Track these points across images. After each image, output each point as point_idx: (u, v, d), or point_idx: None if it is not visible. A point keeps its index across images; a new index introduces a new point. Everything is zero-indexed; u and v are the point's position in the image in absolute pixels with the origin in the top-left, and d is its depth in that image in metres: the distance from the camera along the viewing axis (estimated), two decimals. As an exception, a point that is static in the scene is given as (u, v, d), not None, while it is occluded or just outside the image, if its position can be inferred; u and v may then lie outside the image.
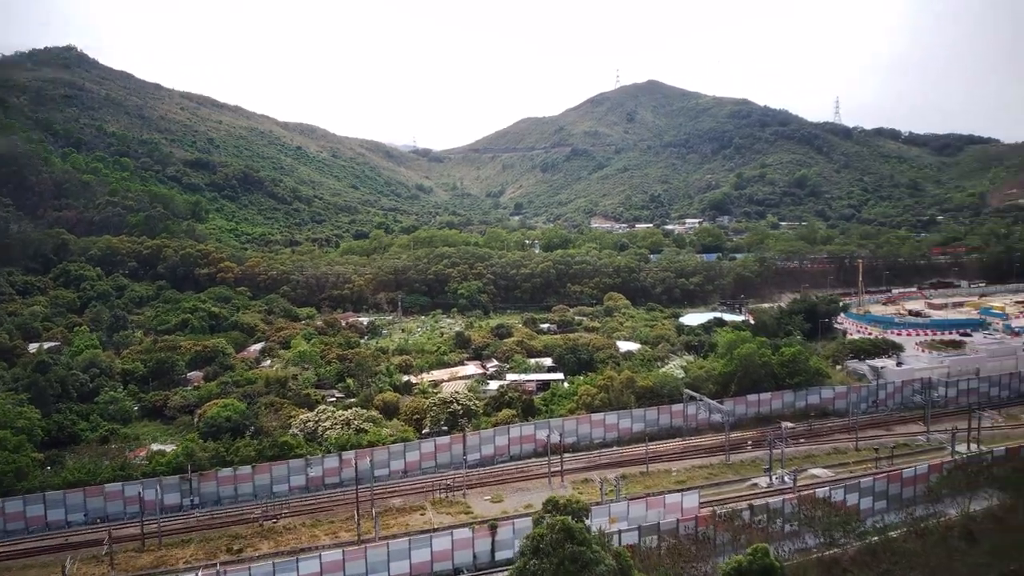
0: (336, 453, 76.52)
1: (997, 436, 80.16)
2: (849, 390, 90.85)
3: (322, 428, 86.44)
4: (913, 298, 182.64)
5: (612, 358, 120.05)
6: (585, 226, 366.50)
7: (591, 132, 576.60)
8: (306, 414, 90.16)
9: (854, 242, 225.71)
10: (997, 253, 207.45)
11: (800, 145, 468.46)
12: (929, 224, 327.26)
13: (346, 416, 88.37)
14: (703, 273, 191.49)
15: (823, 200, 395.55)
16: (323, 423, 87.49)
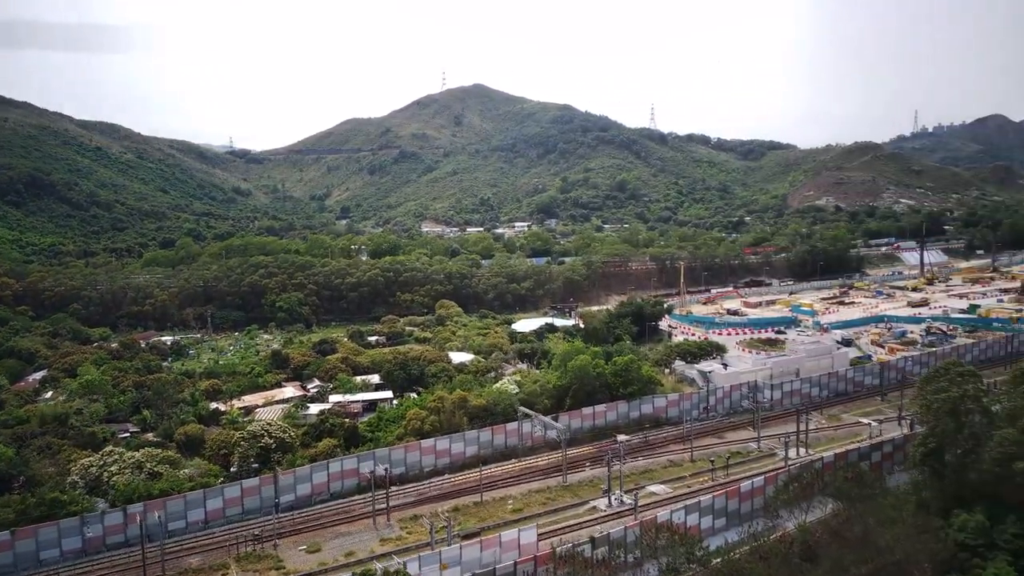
0: (120, 507, 64.98)
1: (823, 439, 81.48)
2: (681, 398, 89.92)
3: (108, 474, 73.95)
4: (730, 297, 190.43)
5: (444, 371, 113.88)
6: (416, 230, 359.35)
7: (419, 134, 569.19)
8: (89, 457, 77.02)
9: (674, 244, 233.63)
10: (802, 252, 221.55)
11: (620, 150, 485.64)
12: (739, 225, 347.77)
13: (137, 458, 76.26)
14: (534, 278, 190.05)
15: (643, 203, 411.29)
16: (109, 467, 74.95)
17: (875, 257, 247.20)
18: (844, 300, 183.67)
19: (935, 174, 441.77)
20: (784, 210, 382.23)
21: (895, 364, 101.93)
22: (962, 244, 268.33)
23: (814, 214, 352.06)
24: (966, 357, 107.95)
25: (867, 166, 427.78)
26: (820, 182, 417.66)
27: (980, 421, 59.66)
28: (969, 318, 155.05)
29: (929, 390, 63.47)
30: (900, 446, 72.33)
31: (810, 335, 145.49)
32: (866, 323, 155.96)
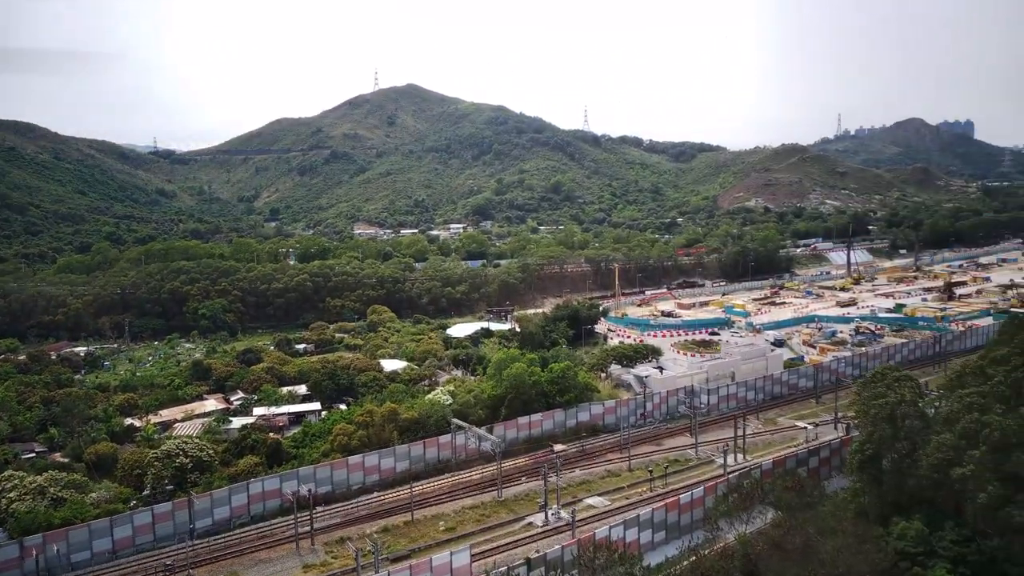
0: (17, 540, 59.50)
1: (760, 444, 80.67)
2: (618, 404, 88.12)
3: (6, 501, 68.07)
4: (664, 299, 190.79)
5: (376, 381, 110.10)
6: (348, 232, 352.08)
7: (351, 135, 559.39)
8: (-14, 484, 70.81)
9: (608, 246, 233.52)
10: (733, 253, 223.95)
11: (554, 152, 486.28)
12: (671, 226, 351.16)
13: (39, 482, 70.41)
14: (469, 281, 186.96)
15: (577, 204, 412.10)
16: (8, 494, 69.02)
17: (803, 257, 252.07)
18: (775, 300, 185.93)
19: (858, 175, 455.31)
20: (715, 211, 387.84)
21: (828, 366, 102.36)
22: (886, 244, 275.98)
23: (744, 215, 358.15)
24: (896, 357, 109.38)
25: (794, 168, 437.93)
26: (749, 183, 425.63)
27: (917, 426, 59.20)
28: (896, 317, 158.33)
29: (866, 395, 62.85)
30: (837, 450, 71.82)
31: (744, 336, 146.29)
32: (797, 323, 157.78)
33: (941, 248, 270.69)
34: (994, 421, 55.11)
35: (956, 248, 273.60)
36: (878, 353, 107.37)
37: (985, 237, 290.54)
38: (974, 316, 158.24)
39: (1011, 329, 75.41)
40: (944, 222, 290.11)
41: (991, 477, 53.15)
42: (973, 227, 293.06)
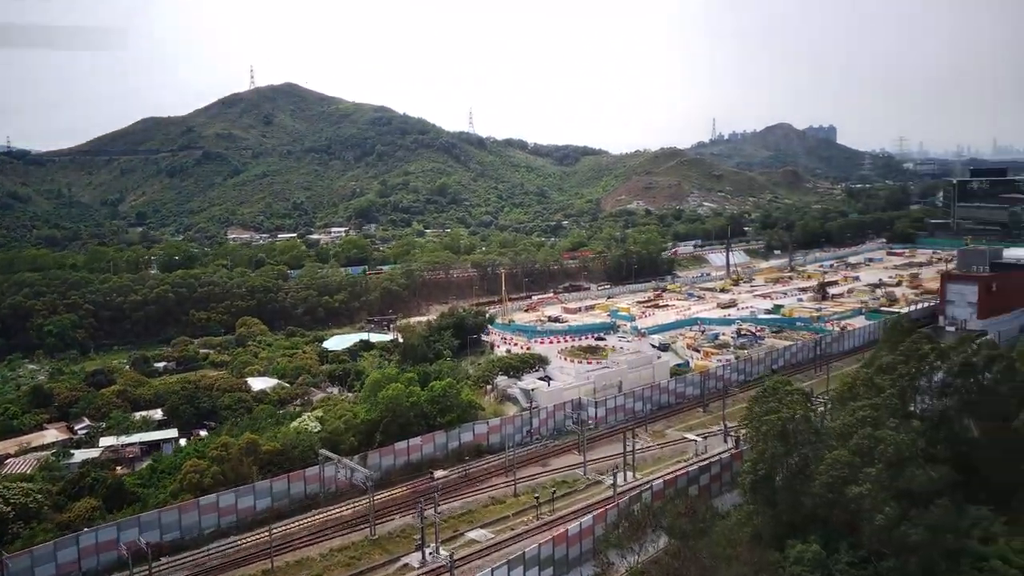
0: None
1: (650, 459, 77.50)
2: (503, 422, 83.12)
3: None
4: (551, 303, 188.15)
5: (241, 403, 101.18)
6: (221, 237, 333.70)
7: (225, 135, 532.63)
8: None
9: (495, 250, 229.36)
10: (617, 256, 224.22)
11: (439, 154, 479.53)
12: (557, 229, 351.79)
13: None
14: (348, 289, 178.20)
15: (464, 207, 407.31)
16: None
17: (684, 259, 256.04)
18: (659, 303, 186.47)
19: (733, 178, 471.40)
20: (599, 214, 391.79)
21: (714, 372, 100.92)
22: (761, 245, 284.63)
23: (626, 217, 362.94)
24: (779, 361, 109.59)
25: (673, 171, 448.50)
26: (631, 186, 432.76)
27: (810, 442, 56.92)
28: (775, 318, 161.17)
29: (757, 411, 60.20)
30: (727, 465, 69.36)
31: (630, 340, 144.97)
32: (681, 326, 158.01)
33: (812, 248, 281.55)
34: (888, 436, 53.25)
35: (826, 248, 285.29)
36: (762, 358, 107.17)
37: (852, 237, 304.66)
38: (847, 316, 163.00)
39: (894, 335, 75.54)
40: (814, 223, 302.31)
41: (886, 496, 51.18)
42: (841, 228, 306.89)
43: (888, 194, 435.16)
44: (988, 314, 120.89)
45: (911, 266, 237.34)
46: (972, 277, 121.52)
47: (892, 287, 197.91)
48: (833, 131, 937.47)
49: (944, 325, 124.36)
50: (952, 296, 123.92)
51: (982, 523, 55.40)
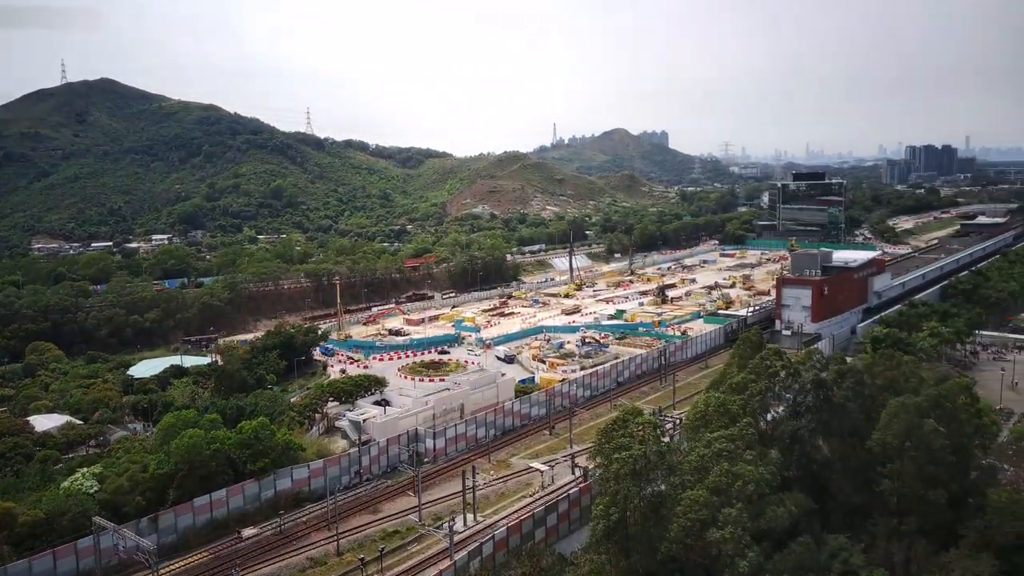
0: None
1: (493, 495, 69.99)
2: (327, 463, 72.81)
3: None
4: (392, 315, 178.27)
5: (19, 449, 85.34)
6: (24, 248, 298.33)
7: (30, 134, 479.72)
8: None
9: (331, 258, 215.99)
10: (462, 262, 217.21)
11: (274, 155, 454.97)
12: (401, 233, 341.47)
13: None
14: (162, 305, 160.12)
15: (301, 211, 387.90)
16: None
17: (529, 264, 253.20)
18: (504, 311, 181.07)
19: (574, 182, 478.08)
20: (444, 218, 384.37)
21: (560, 390, 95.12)
22: (603, 248, 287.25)
23: (472, 221, 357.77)
24: (624, 373, 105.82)
25: (516, 175, 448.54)
26: (476, 190, 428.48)
27: (666, 479, 51.35)
28: (618, 324, 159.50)
29: (607, 447, 54.05)
30: (576, 500, 63.09)
31: (476, 353, 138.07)
32: (526, 335, 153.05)
33: (651, 251, 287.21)
34: (747, 472, 48.29)
35: (663, 250, 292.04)
36: (607, 371, 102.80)
37: (687, 239, 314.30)
38: (687, 319, 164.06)
39: (744, 350, 72.38)
40: (652, 226, 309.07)
41: (748, 540, 46.18)
42: (676, 230, 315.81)
43: (718, 197, 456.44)
44: (821, 317, 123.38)
45: (743, 267, 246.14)
46: (806, 281, 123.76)
47: (727, 288, 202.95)
48: (665, 136, 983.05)
49: (781, 329, 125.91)
50: (788, 300, 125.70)
51: (841, 555, 51.71)
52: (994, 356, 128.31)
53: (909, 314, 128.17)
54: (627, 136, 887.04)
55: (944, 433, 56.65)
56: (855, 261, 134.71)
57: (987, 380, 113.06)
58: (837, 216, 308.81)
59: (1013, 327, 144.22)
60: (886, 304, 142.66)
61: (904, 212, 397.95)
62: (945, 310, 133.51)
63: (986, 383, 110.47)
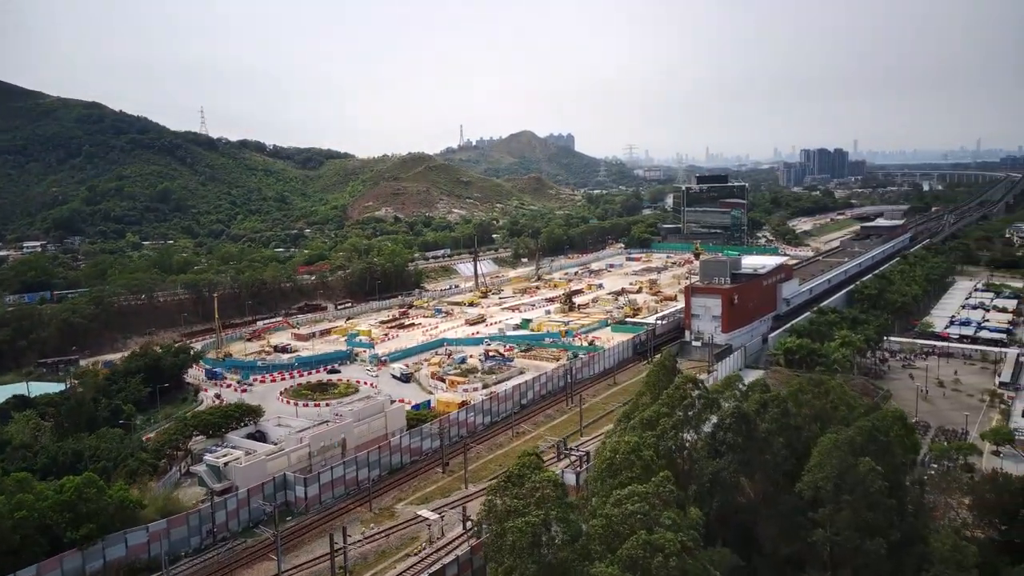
0: None
1: (372, 555, 59.65)
2: (171, 524, 60.65)
3: None
4: (280, 329, 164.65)
5: None
6: None
7: None
8: None
9: (214, 267, 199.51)
10: (360, 270, 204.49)
11: (162, 155, 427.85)
12: (298, 238, 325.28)
13: None
14: (14, 323, 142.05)
15: (191, 215, 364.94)
16: None
17: (433, 270, 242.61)
18: (404, 323, 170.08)
19: (481, 184, 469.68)
20: (345, 221, 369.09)
21: (456, 419, 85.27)
22: (509, 253, 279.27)
23: (374, 225, 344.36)
24: (528, 395, 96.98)
25: (421, 177, 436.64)
26: (379, 192, 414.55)
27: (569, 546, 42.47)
28: (523, 335, 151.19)
29: (500, 509, 44.72)
30: (467, 562, 53.60)
31: (370, 371, 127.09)
32: (427, 349, 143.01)
33: (558, 255, 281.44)
34: (667, 542, 39.77)
35: (570, 254, 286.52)
36: (509, 393, 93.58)
37: (594, 243, 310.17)
38: (594, 328, 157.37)
39: (658, 376, 64.52)
40: (559, 230, 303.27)
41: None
42: (583, 234, 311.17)
43: (623, 200, 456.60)
44: (732, 327, 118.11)
45: (649, 271, 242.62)
46: (715, 290, 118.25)
47: (634, 294, 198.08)
48: (571, 139, 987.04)
49: (691, 340, 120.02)
50: (697, 309, 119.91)
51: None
52: (903, 363, 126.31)
53: (819, 322, 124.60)
54: (534, 138, 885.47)
55: (882, 473, 49.98)
56: (764, 267, 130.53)
57: (899, 390, 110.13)
58: (740, 219, 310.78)
59: (919, 332, 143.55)
60: (795, 311, 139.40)
61: (802, 214, 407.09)
62: (854, 316, 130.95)
63: (899, 393, 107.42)
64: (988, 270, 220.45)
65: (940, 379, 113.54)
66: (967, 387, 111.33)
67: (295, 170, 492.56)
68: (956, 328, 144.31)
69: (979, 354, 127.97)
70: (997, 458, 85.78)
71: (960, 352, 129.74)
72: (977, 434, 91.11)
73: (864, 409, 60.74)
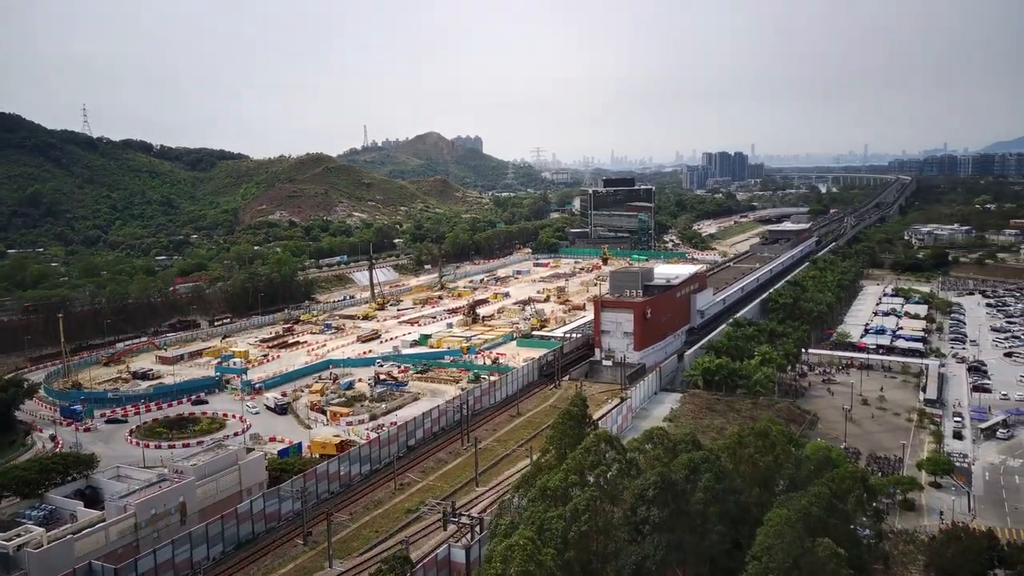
0: None
1: None
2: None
3: None
4: (145, 350, 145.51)
5: None
6: None
7: None
8: None
9: (69, 283, 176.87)
10: (242, 281, 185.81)
11: (33, 156, 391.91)
12: (182, 245, 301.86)
13: None
14: None
15: (65, 220, 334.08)
16: None
17: (327, 280, 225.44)
18: (288, 340, 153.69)
19: (384, 187, 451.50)
20: (235, 226, 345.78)
21: (326, 471, 70.68)
22: (411, 260, 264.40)
23: (267, 230, 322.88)
24: (417, 433, 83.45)
25: (320, 178, 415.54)
26: (274, 195, 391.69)
27: None
28: (421, 353, 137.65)
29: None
30: None
31: (242, 400, 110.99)
32: (311, 372, 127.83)
33: (463, 261, 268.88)
34: None
35: (476, 260, 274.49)
36: (394, 436, 79.48)
37: (500, 248, 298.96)
38: (498, 343, 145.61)
39: (564, 429, 52.40)
40: (464, 235, 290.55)
41: None
42: (489, 238, 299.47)
43: (531, 203, 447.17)
44: (645, 344, 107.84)
45: (557, 277, 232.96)
46: (627, 304, 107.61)
47: (541, 303, 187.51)
48: (480, 141, 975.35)
49: (601, 359, 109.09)
50: (607, 325, 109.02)
51: None
52: (823, 377, 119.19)
53: (736, 336, 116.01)
54: (441, 140, 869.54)
55: (845, 557, 39.08)
56: (677, 278, 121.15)
57: (823, 409, 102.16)
58: (647, 222, 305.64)
59: (836, 342, 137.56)
60: (710, 322, 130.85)
61: (707, 216, 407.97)
62: (772, 329, 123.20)
63: (824, 414, 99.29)
64: (893, 273, 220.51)
65: (864, 397, 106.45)
66: (893, 404, 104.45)
67: (184, 172, 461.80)
68: (872, 337, 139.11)
69: (899, 366, 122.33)
70: (937, 491, 77.96)
71: (880, 364, 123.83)
72: (913, 463, 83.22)
73: (815, 465, 50.34)
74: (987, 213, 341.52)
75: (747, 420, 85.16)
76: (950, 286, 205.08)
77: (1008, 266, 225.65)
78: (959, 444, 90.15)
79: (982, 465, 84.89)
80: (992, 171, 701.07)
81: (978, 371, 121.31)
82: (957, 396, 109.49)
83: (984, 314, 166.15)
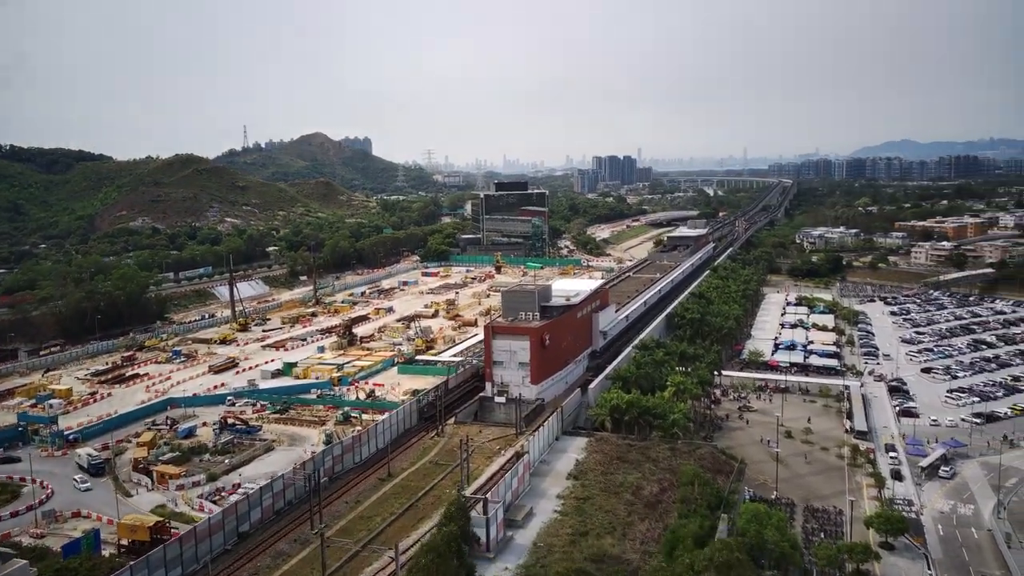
0: None
1: None
2: None
3: None
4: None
5: None
6: None
7: None
8: None
9: None
10: (78, 300, 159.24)
11: None
12: (26, 255, 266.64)
13: None
14: None
15: None
16: None
17: (184, 296, 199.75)
18: (125, 373, 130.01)
19: (261, 190, 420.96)
20: (91, 234, 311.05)
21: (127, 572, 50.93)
22: (285, 271, 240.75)
23: (127, 238, 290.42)
24: (254, 515, 64.13)
25: (189, 181, 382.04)
26: (136, 199, 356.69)
27: None
28: (282, 387, 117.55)
29: None
30: None
31: (52, 454, 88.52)
32: (146, 413, 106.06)
33: (344, 271, 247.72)
34: None
35: (359, 270, 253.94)
36: (219, 522, 60.11)
37: (386, 256, 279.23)
38: (376, 370, 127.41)
39: None
40: (345, 242, 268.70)
41: None
42: (374, 245, 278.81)
43: (421, 207, 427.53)
44: (543, 375, 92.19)
45: (447, 287, 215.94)
46: (522, 330, 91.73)
47: (429, 318, 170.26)
48: (369, 143, 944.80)
49: (493, 395, 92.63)
50: (499, 355, 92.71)
51: None
52: (739, 404, 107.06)
53: (645, 362, 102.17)
54: (327, 141, 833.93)
55: None
56: (577, 295, 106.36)
57: (746, 446, 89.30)
58: (541, 227, 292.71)
59: (748, 360, 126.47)
60: (613, 343, 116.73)
61: (600, 220, 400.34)
62: (683, 352, 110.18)
63: (749, 454, 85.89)
64: (791, 279, 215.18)
65: (788, 428, 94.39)
66: (820, 437, 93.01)
67: (37, 174, 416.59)
68: (784, 354, 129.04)
69: (817, 388, 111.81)
70: (890, 554, 65.49)
71: (797, 386, 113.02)
72: (857, 515, 70.58)
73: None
74: (871, 216, 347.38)
75: (666, 473, 70.78)
76: (848, 292, 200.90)
77: (901, 270, 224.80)
78: (900, 487, 78.70)
79: (931, 515, 73.53)
80: (864, 174, 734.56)
81: (899, 391, 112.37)
82: (884, 422, 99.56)
83: (891, 323, 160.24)
